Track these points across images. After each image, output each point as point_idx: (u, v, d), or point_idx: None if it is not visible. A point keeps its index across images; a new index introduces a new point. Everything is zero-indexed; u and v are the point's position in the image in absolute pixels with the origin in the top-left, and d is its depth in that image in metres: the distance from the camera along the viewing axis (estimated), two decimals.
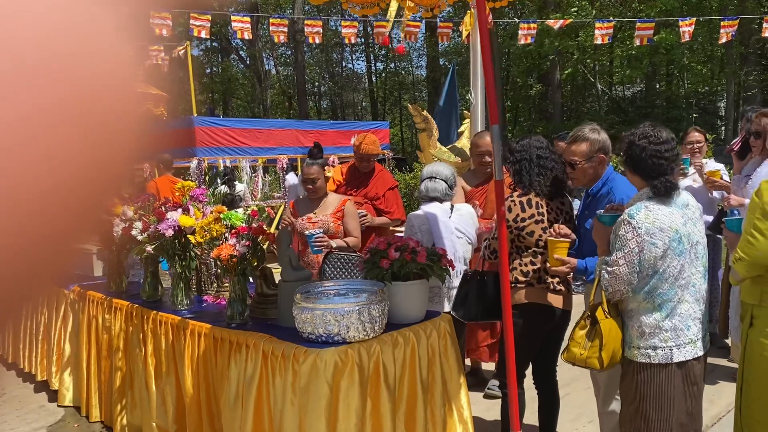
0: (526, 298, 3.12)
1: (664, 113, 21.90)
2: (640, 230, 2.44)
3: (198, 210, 3.52)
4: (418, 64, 35.59)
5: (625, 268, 2.47)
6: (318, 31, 7.97)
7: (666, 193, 2.49)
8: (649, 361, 2.52)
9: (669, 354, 2.49)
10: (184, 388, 3.31)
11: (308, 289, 2.91)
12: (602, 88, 25.65)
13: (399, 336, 2.83)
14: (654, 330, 2.51)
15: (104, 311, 3.97)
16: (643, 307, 2.53)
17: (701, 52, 21.72)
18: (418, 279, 2.92)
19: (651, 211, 2.47)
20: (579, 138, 3.02)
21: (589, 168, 3.01)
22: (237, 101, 35.00)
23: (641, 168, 2.54)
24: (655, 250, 2.45)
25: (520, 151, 3.23)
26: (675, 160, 2.54)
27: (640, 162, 2.53)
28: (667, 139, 2.53)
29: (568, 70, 21.91)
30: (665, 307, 2.50)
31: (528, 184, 3.17)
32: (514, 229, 3.12)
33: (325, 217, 4.06)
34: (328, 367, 2.58)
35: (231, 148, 9.57)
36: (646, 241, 2.44)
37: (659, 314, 2.50)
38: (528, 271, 3.13)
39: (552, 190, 3.19)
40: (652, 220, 2.45)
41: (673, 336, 2.49)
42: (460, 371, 3.11)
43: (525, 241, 3.14)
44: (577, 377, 4.58)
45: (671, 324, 2.49)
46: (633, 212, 2.48)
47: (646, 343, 2.52)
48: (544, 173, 3.18)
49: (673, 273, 2.48)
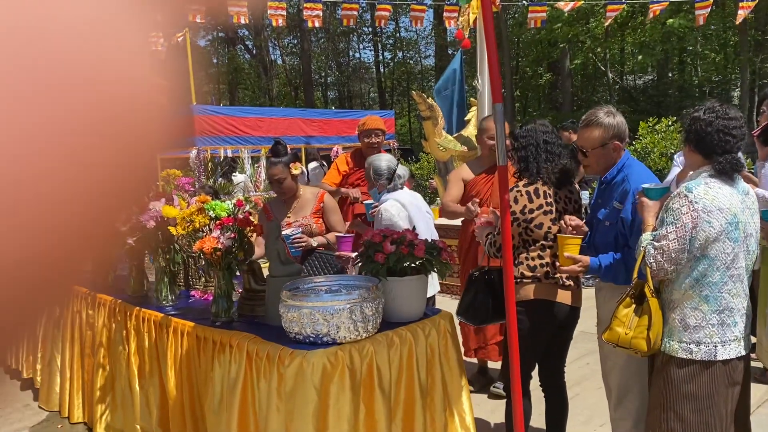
0: (534, 295, 2.89)
1: (677, 102, 21.46)
2: (696, 205, 2.26)
3: (183, 200, 3.30)
4: (426, 53, 35.21)
5: (675, 243, 2.28)
6: (318, 14, 7.69)
7: (731, 171, 2.31)
8: (691, 356, 2.31)
9: (713, 350, 2.29)
10: (168, 389, 3.10)
11: (297, 286, 2.69)
12: (613, 77, 25.23)
13: (395, 336, 2.61)
14: (700, 323, 2.30)
15: (88, 306, 3.77)
16: (688, 297, 2.33)
17: (714, 39, 21.27)
18: (416, 274, 2.69)
19: (711, 188, 2.29)
20: (592, 123, 2.77)
21: (603, 155, 2.77)
22: (244, 91, 34.76)
23: (705, 143, 2.34)
24: (710, 230, 2.25)
25: (525, 136, 2.99)
26: (742, 139, 2.35)
27: (705, 137, 2.34)
28: (736, 116, 2.35)
29: (579, 59, 21.51)
30: (713, 300, 2.29)
31: (535, 172, 2.93)
32: (522, 222, 2.88)
33: (303, 219, 3.69)
34: (315, 371, 2.36)
35: (232, 137, 9.33)
36: (701, 218, 2.25)
37: (706, 306, 2.30)
38: (535, 265, 2.90)
39: (560, 179, 2.95)
40: (712, 197, 2.27)
41: (719, 331, 2.29)
42: (461, 373, 2.88)
43: (533, 234, 2.90)
44: (588, 376, 4.35)
45: (719, 319, 2.29)
46: (691, 186, 2.30)
47: (690, 337, 2.32)
48: (552, 159, 2.94)
49: (725, 261, 2.28)
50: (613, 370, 2.91)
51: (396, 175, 3.45)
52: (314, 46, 31.63)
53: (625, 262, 2.68)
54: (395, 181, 3.45)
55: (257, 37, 28.41)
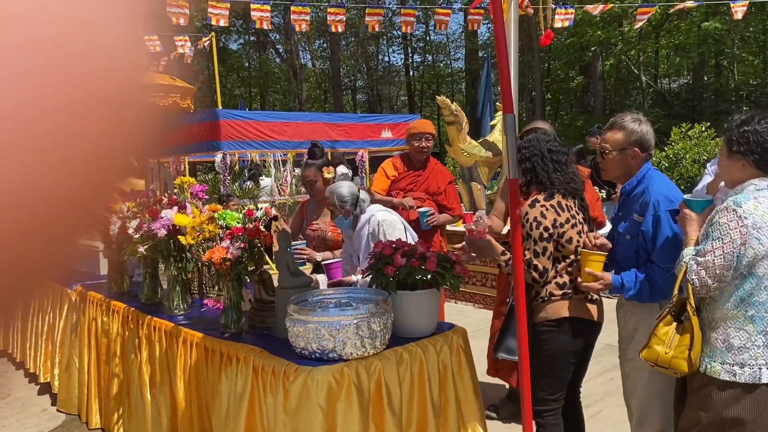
0: (569, 312, 2.74)
1: (713, 107, 20.92)
2: (746, 221, 2.14)
3: (196, 208, 3.26)
4: (456, 56, 35.01)
5: (721, 259, 2.16)
6: (341, 19, 7.64)
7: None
8: (734, 379, 2.18)
9: (758, 373, 2.16)
10: (177, 400, 3.06)
11: (304, 298, 2.62)
12: (647, 80, 24.71)
13: (404, 352, 2.52)
14: (745, 344, 2.18)
15: (103, 313, 3.76)
16: (733, 317, 2.20)
17: (753, 41, 20.69)
18: (428, 288, 2.60)
19: (761, 203, 2.17)
20: (616, 125, 2.70)
21: (620, 160, 2.67)
22: (274, 95, 34.99)
23: (756, 154, 2.21)
24: (759, 247, 2.13)
25: (528, 147, 2.85)
26: None
27: (757, 147, 2.21)
28: None
29: (611, 61, 21.12)
30: (759, 320, 2.16)
31: (549, 184, 2.79)
32: (556, 237, 2.73)
33: (324, 224, 3.79)
34: (320, 388, 2.28)
35: (257, 142, 9.35)
36: (751, 234, 2.13)
37: (752, 327, 2.17)
38: (564, 282, 2.76)
39: (575, 188, 2.83)
40: (762, 212, 2.15)
41: (765, 353, 2.16)
42: (476, 391, 2.78)
43: (563, 249, 2.75)
44: (611, 392, 4.19)
45: (764, 340, 2.16)
46: (740, 200, 2.18)
47: (734, 359, 2.19)
48: (560, 169, 2.81)
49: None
50: (634, 390, 2.78)
51: (360, 200, 3.40)
52: (344, 49, 31.69)
53: (650, 279, 2.56)
54: (360, 206, 3.39)
55: (288, 41, 28.56)
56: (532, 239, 2.71)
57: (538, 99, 24.46)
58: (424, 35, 32.76)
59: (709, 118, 12.20)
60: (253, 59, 33.89)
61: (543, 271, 2.71)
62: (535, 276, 2.71)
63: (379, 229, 3.31)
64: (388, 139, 10.85)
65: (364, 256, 3.46)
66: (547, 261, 2.72)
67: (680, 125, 9.62)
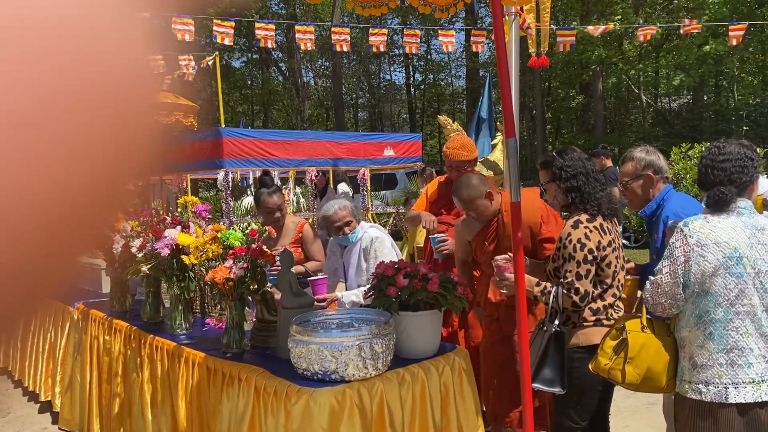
0: (598, 339, 2.65)
1: (712, 126, 21.01)
2: (690, 239, 2.22)
3: (199, 227, 3.27)
4: (457, 74, 35.22)
5: (668, 277, 2.25)
6: (345, 38, 7.72)
7: (715, 204, 2.26)
8: (701, 398, 2.21)
9: (723, 392, 2.17)
10: (178, 420, 3.06)
11: (307, 319, 2.63)
12: (647, 99, 24.83)
13: (406, 373, 2.52)
14: (707, 362, 2.20)
15: (105, 332, 3.76)
16: (694, 335, 2.25)
17: (752, 62, 20.83)
18: (430, 309, 2.61)
19: (708, 222, 2.23)
20: (626, 158, 2.96)
21: (637, 187, 2.88)
22: (277, 113, 35.16)
23: (699, 178, 2.39)
24: (705, 264, 2.18)
25: (571, 165, 2.78)
26: (737, 173, 2.27)
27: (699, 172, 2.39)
28: (729, 152, 2.33)
29: (612, 80, 21.23)
30: (718, 337, 2.19)
31: (596, 205, 2.73)
32: (600, 260, 2.68)
33: (283, 247, 3.73)
34: (322, 410, 2.28)
35: (260, 160, 9.38)
36: (695, 252, 2.20)
37: (712, 344, 2.20)
38: (598, 308, 2.73)
39: (614, 209, 2.81)
40: (708, 231, 2.21)
41: (729, 372, 2.17)
42: (477, 413, 2.77)
43: (603, 273, 2.71)
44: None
45: (727, 358, 2.18)
46: (689, 220, 2.28)
47: (698, 377, 2.23)
48: (602, 189, 2.80)
49: (728, 297, 2.17)
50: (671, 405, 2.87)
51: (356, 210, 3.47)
52: (346, 68, 31.89)
53: None
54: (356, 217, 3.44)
55: (290, 60, 28.75)
56: (575, 261, 2.65)
57: (539, 118, 24.56)
58: (426, 54, 33.00)
59: (709, 138, 12.26)
60: (255, 77, 34.10)
61: (584, 295, 2.66)
62: (576, 300, 2.64)
63: (371, 246, 3.33)
64: (390, 157, 10.89)
65: (355, 271, 3.46)
66: (590, 284, 2.67)
67: (680, 145, 9.66)
